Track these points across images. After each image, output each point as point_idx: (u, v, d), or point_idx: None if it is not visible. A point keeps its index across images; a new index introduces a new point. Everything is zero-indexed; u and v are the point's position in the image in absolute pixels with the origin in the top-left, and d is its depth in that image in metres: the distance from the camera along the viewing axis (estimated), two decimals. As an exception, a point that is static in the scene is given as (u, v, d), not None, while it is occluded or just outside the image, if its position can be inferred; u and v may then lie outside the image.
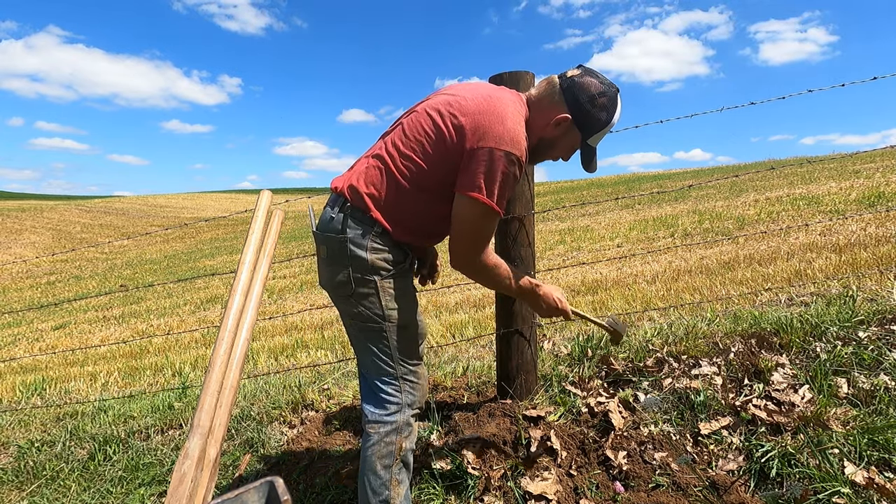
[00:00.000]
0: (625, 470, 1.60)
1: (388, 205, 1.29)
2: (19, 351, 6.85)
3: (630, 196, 4.73)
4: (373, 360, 1.37)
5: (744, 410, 1.71)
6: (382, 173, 1.29)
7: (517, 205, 1.85)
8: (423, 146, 1.26)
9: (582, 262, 6.96)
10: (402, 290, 1.37)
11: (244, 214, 21.60)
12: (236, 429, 2.29)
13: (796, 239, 5.73)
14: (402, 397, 1.37)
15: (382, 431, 1.35)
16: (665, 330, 2.31)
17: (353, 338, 1.43)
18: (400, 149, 1.29)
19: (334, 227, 1.30)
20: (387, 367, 1.36)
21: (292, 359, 4.07)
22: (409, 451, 1.40)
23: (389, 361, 1.36)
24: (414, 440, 1.42)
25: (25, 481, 2.22)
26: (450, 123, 1.24)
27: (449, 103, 1.27)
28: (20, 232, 30.65)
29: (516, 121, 1.25)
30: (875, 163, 13.35)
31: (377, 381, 1.38)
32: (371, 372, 1.39)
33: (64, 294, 13.26)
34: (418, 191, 1.28)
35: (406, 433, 1.38)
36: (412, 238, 1.35)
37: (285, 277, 10.43)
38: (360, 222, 1.29)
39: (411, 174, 1.27)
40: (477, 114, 1.23)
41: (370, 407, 1.38)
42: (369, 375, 1.40)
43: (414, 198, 1.28)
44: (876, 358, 1.80)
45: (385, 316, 1.33)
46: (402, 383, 1.38)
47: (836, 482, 1.36)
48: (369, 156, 1.34)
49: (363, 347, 1.38)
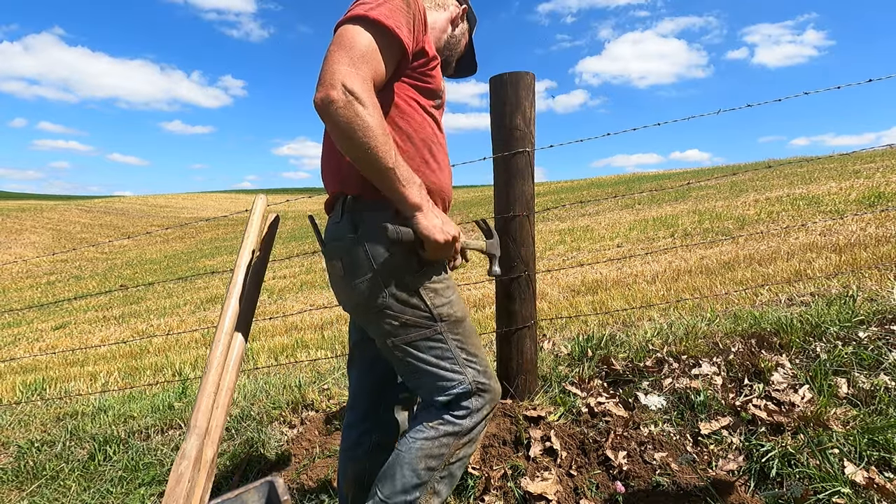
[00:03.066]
0: (625, 470, 1.60)
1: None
2: (19, 351, 6.85)
3: (630, 196, 4.73)
4: (432, 377, 1.14)
5: (744, 410, 1.70)
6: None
7: (517, 205, 1.84)
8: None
9: (582, 263, 6.95)
10: (442, 277, 1.16)
11: (244, 214, 21.61)
12: (236, 429, 2.29)
13: (796, 239, 5.73)
14: (474, 402, 1.16)
15: (442, 430, 1.14)
16: (665, 330, 2.31)
17: (398, 363, 1.18)
18: None
19: (342, 231, 1.13)
20: (454, 375, 1.14)
21: (292, 359, 4.07)
22: (462, 462, 1.18)
23: (456, 368, 1.14)
24: (472, 452, 1.20)
25: (25, 481, 2.22)
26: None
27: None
28: (20, 232, 30.65)
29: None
30: (875, 163, 13.35)
31: (443, 397, 1.15)
32: (433, 392, 1.16)
33: (64, 294, 13.26)
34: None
35: (467, 440, 1.17)
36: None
37: (285, 277, 10.43)
38: (371, 209, 1.11)
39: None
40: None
41: (435, 408, 1.16)
42: (431, 397, 1.17)
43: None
44: (876, 358, 1.80)
45: (435, 315, 1.13)
46: (475, 388, 1.15)
47: (836, 482, 1.36)
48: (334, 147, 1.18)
49: (414, 369, 1.15)
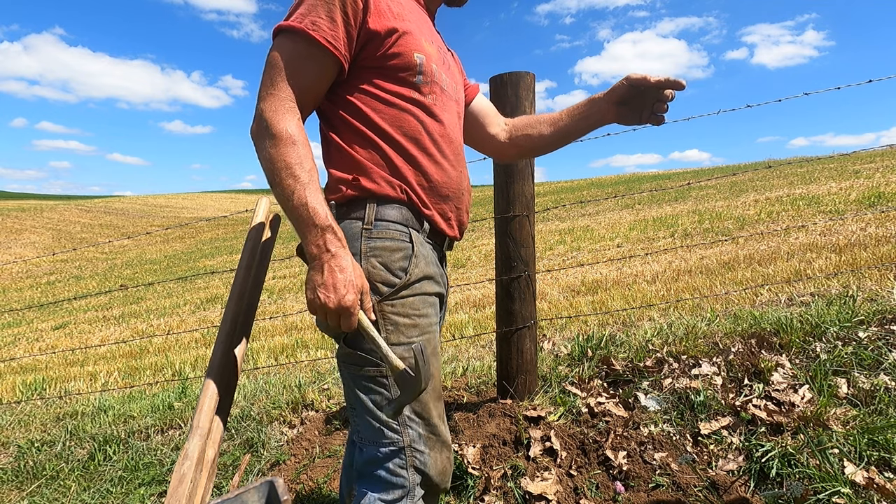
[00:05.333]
0: (625, 470, 1.60)
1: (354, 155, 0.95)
2: (19, 351, 6.85)
3: (630, 195, 4.74)
4: (367, 419, 0.96)
5: (744, 410, 1.70)
6: (327, 143, 1.00)
7: (517, 204, 1.85)
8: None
9: (582, 263, 6.95)
10: (421, 312, 0.97)
11: (244, 214, 21.47)
12: (236, 429, 2.29)
13: (796, 239, 5.73)
14: (409, 476, 0.95)
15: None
16: (665, 330, 2.32)
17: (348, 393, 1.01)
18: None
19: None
20: (388, 431, 0.95)
21: (292, 359, 4.07)
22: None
23: (391, 423, 0.95)
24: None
25: (25, 481, 2.22)
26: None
27: None
28: (20, 232, 30.66)
29: None
30: (875, 163, 13.36)
31: (374, 451, 0.96)
32: (365, 438, 0.97)
33: (64, 294, 13.26)
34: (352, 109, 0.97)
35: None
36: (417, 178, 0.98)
37: (285, 277, 10.43)
38: (342, 217, 0.97)
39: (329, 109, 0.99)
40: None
41: (364, 487, 0.97)
42: (363, 443, 0.98)
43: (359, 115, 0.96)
44: (876, 358, 1.80)
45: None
46: (411, 454, 0.96)
47: (836, 482, 1.36)
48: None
49: (355, 405, 0.98)
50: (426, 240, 1.01)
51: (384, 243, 0.94)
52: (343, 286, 0.83)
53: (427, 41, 1.00)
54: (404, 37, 0.95)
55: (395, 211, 0.96)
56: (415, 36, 0.97)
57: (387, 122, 0.96)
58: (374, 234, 0.94)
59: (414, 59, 0.96)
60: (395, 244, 0.95)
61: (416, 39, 0.97)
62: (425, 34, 1.01)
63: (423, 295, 0.98)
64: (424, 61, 0.98)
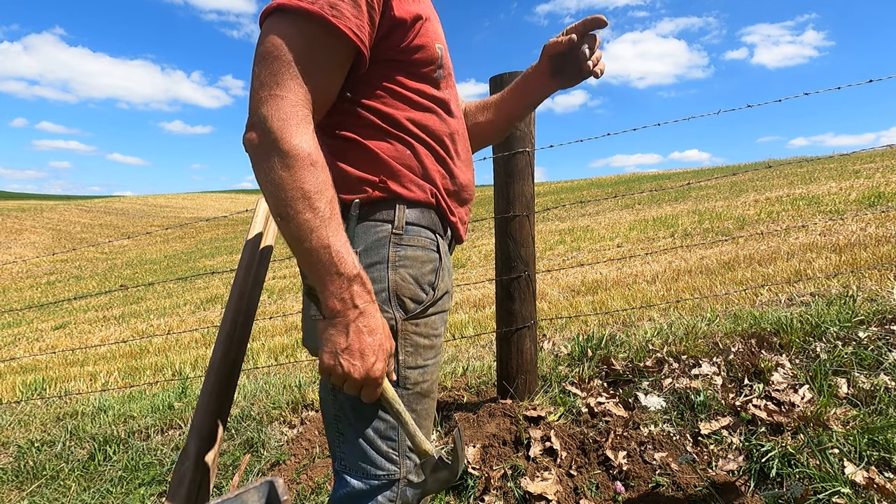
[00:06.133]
0: (625, 470, 1.60)
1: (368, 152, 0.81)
2: (19, 351, 6.85)
3: (630, 196, 4.74)
4: (361, 445, 0.82)
5: (744, 410, 1.70)
6: (333, 137, 0.85)
7: (517, 204, 1.85)
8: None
9: (582, 263, 6.96)
10: (431, 331, 0.86)
11: (244, 214, 21.66)
12: (236, 429, 2.29)
13: (796, 239, 5.73)
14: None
15: None
16: (665, 330, 2.32)
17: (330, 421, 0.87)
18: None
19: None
20: (386, 461, 0.83)
21: (292, 359, 4.07)
22: None
23: (391, 453, 0.83)
24: None
25: (25, 481, 2.22)
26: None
27: None
28: (20, 232, 30.67)
29: None
30: (875, 163, 13.36)
31: (362, 483, 0.83)
32: (351, 467, 0.84)
33: (64, 294, 13.27)
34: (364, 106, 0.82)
35: None
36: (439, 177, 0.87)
37: (285, 277, 10.43)
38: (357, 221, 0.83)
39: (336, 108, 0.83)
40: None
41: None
42: (348, 472, 0.84)
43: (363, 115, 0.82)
44: (876, 358, 1.80)
45: (400, 377, 0.82)
46: (403, 486, 0.84)
47: (836, 482, 1.36)
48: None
49: (342, 430, 0.84)
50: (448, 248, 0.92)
51: (415, 252, 0.82)
52: (372, 352, 0.70)
53: (439, 23, 0.89)
54: (426, 24, 0.82)
55: (426, 216, 0.85)
56: (433, 22, 0.84)
57: (412, 122, 0.84)
58: (404, 240, 0.82)
59: (436, 51, 0.84)
60: (425, 254, 0.83)
61: (434, 27, 0.84)
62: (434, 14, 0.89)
63: (443, 312, 0.89)
64: (444, 52, 0.86)
